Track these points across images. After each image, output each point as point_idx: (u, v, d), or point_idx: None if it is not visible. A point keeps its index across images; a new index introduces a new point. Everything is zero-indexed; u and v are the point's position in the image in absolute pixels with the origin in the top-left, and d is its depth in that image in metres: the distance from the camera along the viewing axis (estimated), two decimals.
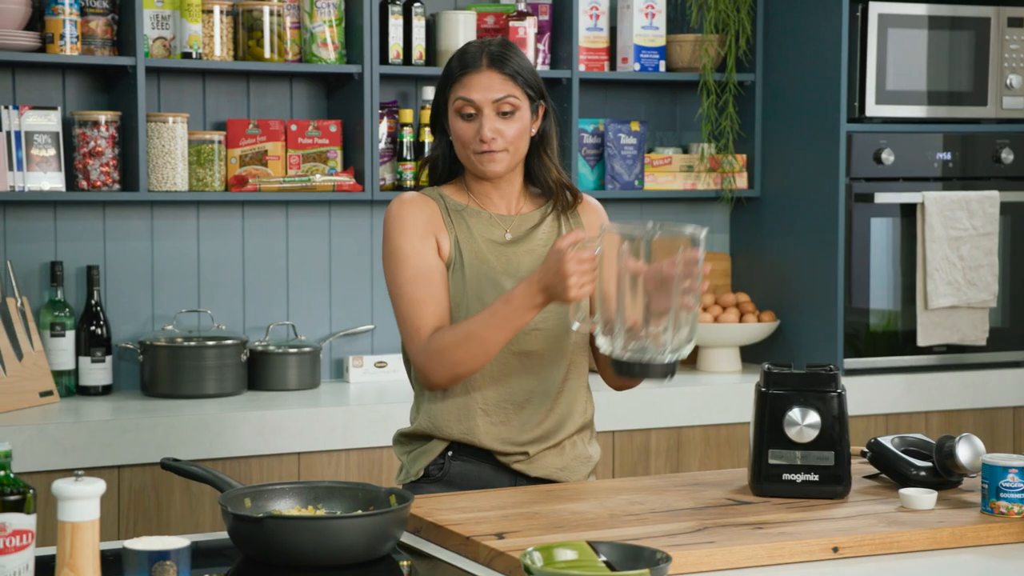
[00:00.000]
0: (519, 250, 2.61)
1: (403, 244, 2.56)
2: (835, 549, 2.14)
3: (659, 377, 2.34)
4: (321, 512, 2.22)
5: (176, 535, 1.89)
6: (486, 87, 2.54)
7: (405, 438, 2.65)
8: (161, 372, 3.77)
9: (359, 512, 2.18)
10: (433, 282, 2.55)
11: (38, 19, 3.70)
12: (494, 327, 2.44)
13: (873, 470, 2.61)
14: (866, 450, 2.58)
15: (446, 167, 2.65)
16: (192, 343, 3.80)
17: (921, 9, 4.23)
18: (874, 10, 4.16)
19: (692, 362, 4.44)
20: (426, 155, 2.68)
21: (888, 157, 4.20)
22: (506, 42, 2.60)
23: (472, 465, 2.59)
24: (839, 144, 4.16)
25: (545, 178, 2.63)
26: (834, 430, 2.43)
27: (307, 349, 3.95)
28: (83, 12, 3.70)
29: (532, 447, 2.59)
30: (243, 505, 2.20)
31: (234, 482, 2.30)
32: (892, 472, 2.52)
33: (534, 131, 2.61)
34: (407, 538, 2.26)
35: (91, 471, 3.31)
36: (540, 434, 2.60)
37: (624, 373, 2.35)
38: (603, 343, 2.34)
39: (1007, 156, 4.34)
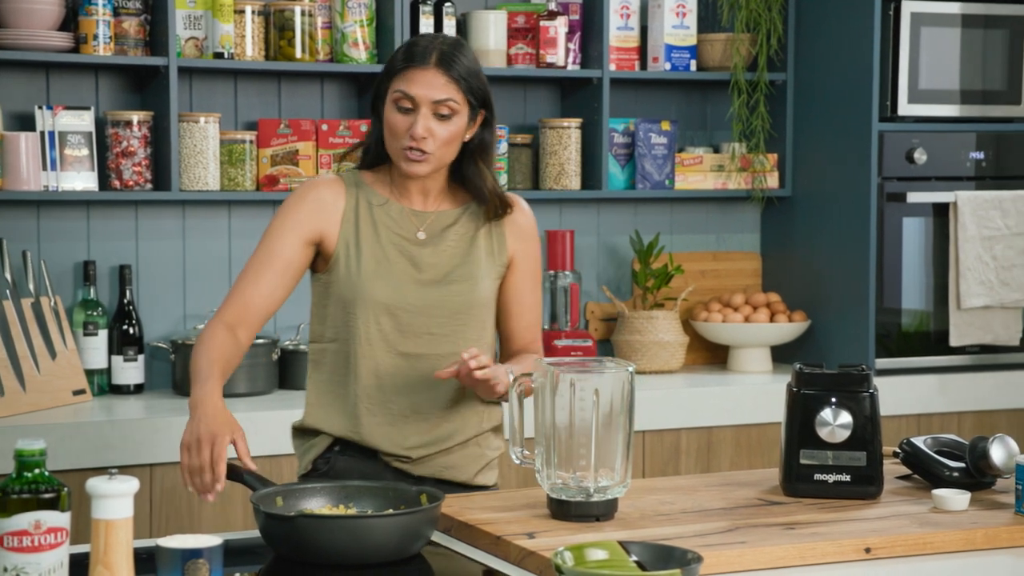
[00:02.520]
0: (426, 250, 2.57)
1: (277, 223, 2.55)
2: (867, 550, 2.14)
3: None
4: (352, 511, 2.22)
5: (207, 533, 1.89)
6: (428, 85, 2.50)
7: (298, 432, 2.65)
8: None
9: (390, 511, 2.18)
10: (271, 268, 2.52)
11: (72, 20, 3.73)
12: (193, 376, 2.43)
13: (905, 471, 2.60)
14: (898, 450, 2.57)
15: (376, 152, 2.61)
16: None
17: (954, 7, 4.20)
18: (907, 8, 4.14)
19: (723, 362, 4.43)
20: (358, 142, 2.66)
21: (921, 156, 4.18)
22: (459, 42, 2.56)
23: (356, 461, 2.56)
24: (871, 143, 4.14)
25: (479, 186, 2.60)
26: (866, 430, 2.42)
27: None
28: (116, 12, 3.72)
29: (417, 451, 2.57)
30: (275, 504, 2.20)
31: (268, 480, 2.31)
32: (925, 473, 2.51)
33: (468, 137, 2.57)
34: (438, 537, 2.27)
35: (123, 469, 3.33)
36: (429, 440, 2.58)
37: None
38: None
39: None
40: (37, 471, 1.72)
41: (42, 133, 3.68)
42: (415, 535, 2.11)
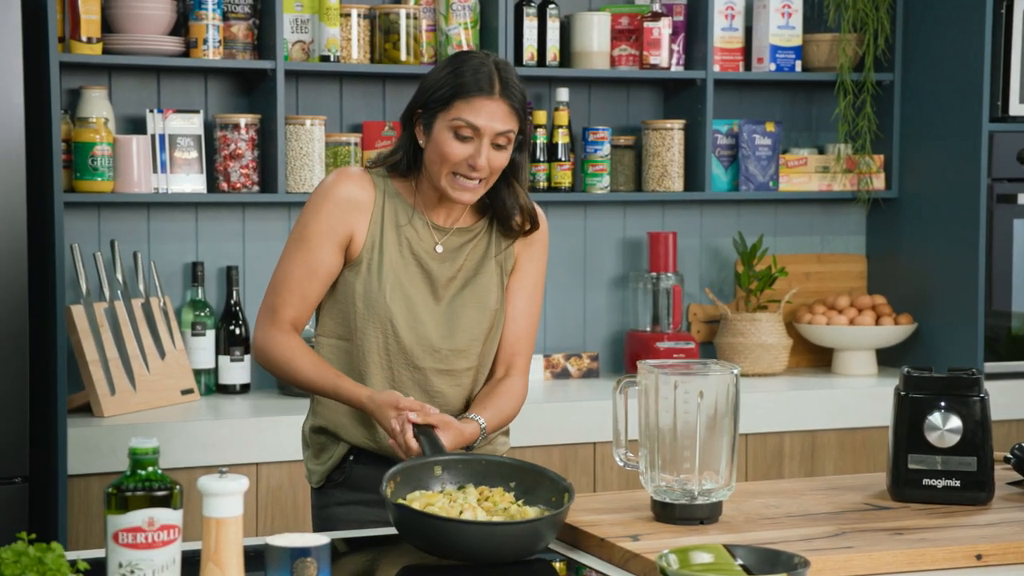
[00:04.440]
0: (444, 265, 2.53)
1: (313, 226, 2.50)
2: (979, 557, 2.10)
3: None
4: (487, 496, 2.24)
5: (311, 532, 1.91)
6: (493, 116, 2.42)
7: (314, 437, 2.60)
8: None
9: (524, 519, 2.17)
10: (316, 278, 2.50)
11: (182, 24, 3.79)
12: (318, 392, 2.50)
13: (1017, 476, 2.55)
14: (1010, 456, 2.52)
15: (406, 164, 2.54)
16: None
17: None
18: (1019, 7, 4.06)
19: (827, 365, 4.39)
20: (393, 147, 2.57)
21: None
22: (508, 63, 2.49)
23: (373, 468, 2.51)
24: (981, 144, 4.07)
25: (513, 202, 2.54)
26: (977, 435, 2.38)
27: None
28: (225, 17, 3.77)
29: None
30: (396, 486, 2.22)
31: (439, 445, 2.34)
32: None
33: None
34: None
35: (230, 468, 3.37)
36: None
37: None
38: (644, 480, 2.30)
39: None
40: (151, 469, 1.75)
41: (153, 136, 3.74)
42: (543, 538, 2.13)
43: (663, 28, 4.10)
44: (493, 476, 2.28)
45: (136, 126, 3.83)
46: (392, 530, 2.23)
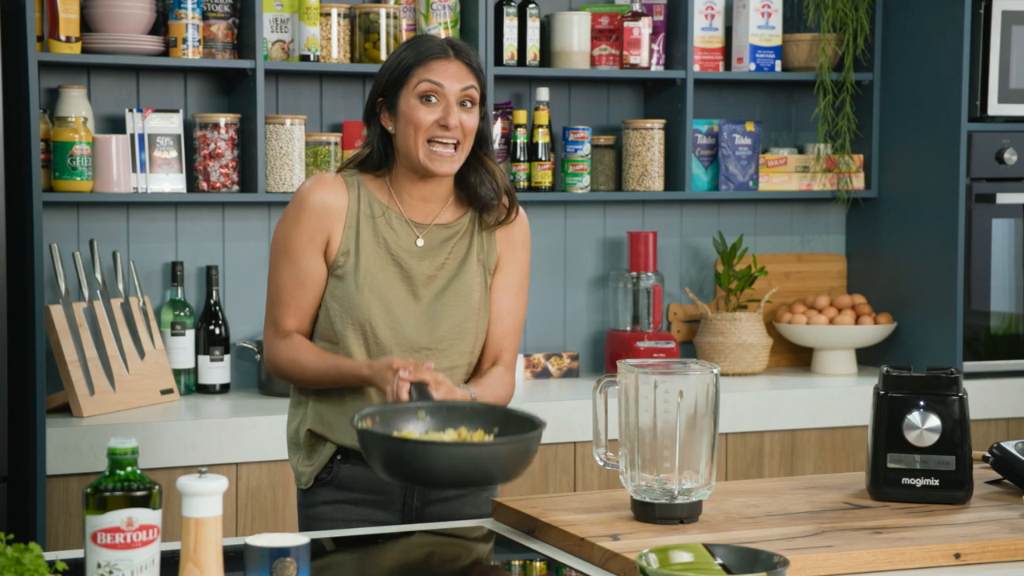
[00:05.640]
0: (424, 263, 2.54)
1: (295, 237, 2.52)
2: (957, 555, 2.11)
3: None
4: (467, 434, 2.27)
5: (292, 532, 1.91)
6: (455, 75, 2.49)
7: (298, 439, 2.60)
8: None
9: (507, 438, 2.22)
10: (307, 287, 2.53)
11: (162, 23, 3.78)
12: (325, 379, 2.51)
13: (996, 475, 2.56)
14: (988, 455, 2.53)
15: (377, 160, 2.56)
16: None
17: None
18: (997, 7, 4.08)
19: (807, 364, 4.40)
20: (361, 147, 2.59)
21: (1011, 157, 4.12)
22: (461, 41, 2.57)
23: (361, 468, 2.52)
24: (960, 143, 4.09)
25: (487, 187, 2.55)
26: (955, 434, 2.39)
27: None
28: (205, 16, 3.76)
29: None
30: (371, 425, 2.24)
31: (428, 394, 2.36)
32: (1016, 477, 2.47)
33: None
34: (519, 538, 2.27)
35: (209, 468, 3.37)
36: None
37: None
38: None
39: None
40: (129, 469, 1.74)
41: (132, 136, 3.73)
42: (525, 461, 2.17)
43: (643, 28, 4.10)
44: (476, 421, 2.30)
45: (115, 125, 3.82)
46: (377, 529, 2.23)
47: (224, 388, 3.87)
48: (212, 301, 3.88)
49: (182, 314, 3.84)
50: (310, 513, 2.58)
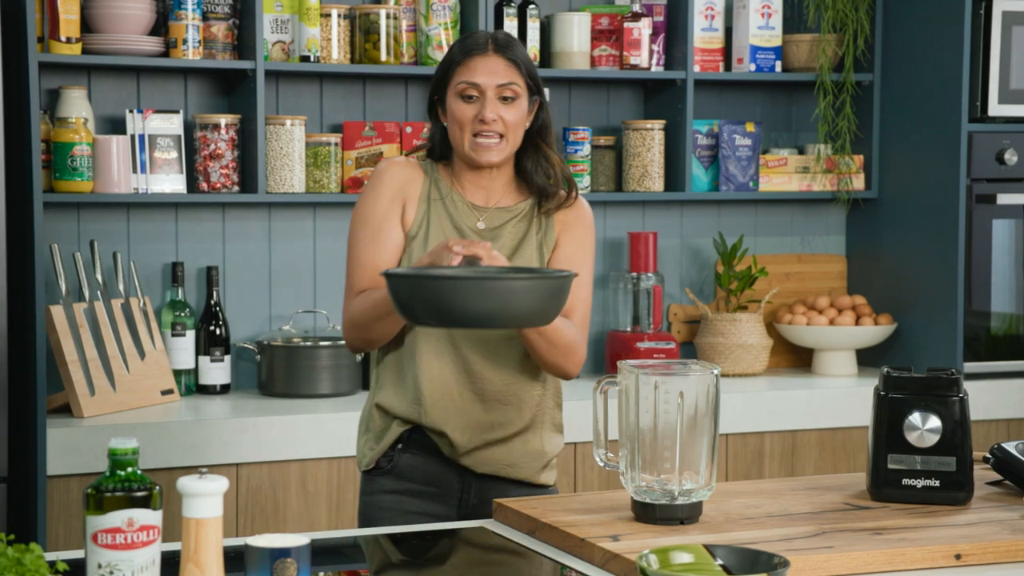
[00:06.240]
0: (485, 240, 2.57)
1: (372, 203, 2.60)
2: (958, 556, 2.11)
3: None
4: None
5: (293, 533, 1.91)
6: (491, 71, 2.55)
7: (369, 419, 2.65)
8: (278, 372, 3.83)
9: (538, 273, 2.29)
10: (382, 247, 2.58)
11: (162, 24, 3.78)
12: (386, 302, 2.48)
13: (996, 476, 2.56)
14: (989, 456, 2.53)
15: (438, 152, 2.66)
16: (308, 343, 3.85)
17: None
18: (998, 7, 4.08)
19: (807, 365, 4.40)
20: (424, 140, 2.70)
21: (1011, 157, 4.12)
22: (510, 34, 2.63)
23: (420, 459, 2.60)
24: (960, 144, 4.09)
25: (546, 170, 2.63)
26: (956, 435, 2.38)
27: None
28: (205, 17, 3.77)
29: (476, 437, 2.58)
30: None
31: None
32: (1017, 478, 2.47)
33: (528, 124, 2.61)
34: (520, 538, 2.27)
35: (210, 468, 3.37)
36: (489, 421, 2.58)
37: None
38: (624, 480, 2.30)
39: None
40: (130, 470, 1.74)
41: (132, 136, 3.73)
42: (559, 299, 2.20)
43: (643, 28, 4.10)
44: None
45: (116, 126, 3.82)
46: (378, 529, 2.22)
47: (224, 389, 3.87)
48: (212, 302, 3.88)
49: (182, 314, 3.84)
50: (369, 501, 2.63)
